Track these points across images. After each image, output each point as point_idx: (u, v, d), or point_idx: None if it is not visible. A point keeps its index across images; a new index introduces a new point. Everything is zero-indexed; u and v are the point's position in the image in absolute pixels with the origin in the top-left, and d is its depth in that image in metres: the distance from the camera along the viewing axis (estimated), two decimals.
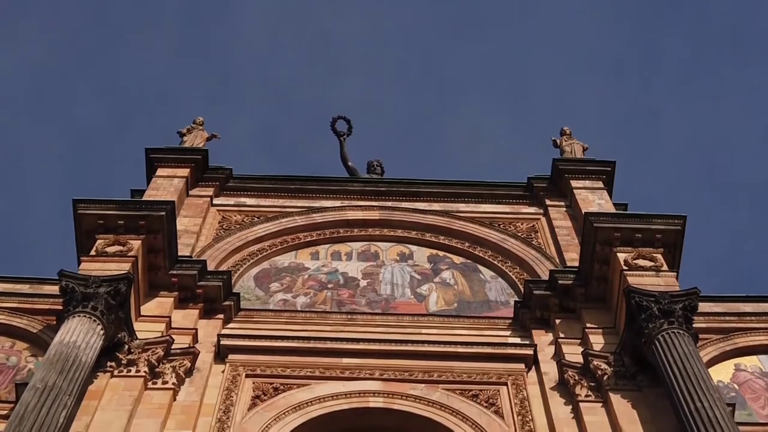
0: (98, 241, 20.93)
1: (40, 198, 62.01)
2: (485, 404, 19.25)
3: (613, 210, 24.65)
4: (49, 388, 16.10)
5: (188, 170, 26.23)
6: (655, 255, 20.99)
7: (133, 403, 17.67)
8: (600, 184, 26.32)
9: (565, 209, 25.85)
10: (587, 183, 26.32)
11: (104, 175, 62.47)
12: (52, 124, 65.05)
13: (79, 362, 17.00)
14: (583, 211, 23.74)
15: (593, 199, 25.35)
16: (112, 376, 18.26)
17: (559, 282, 21.46)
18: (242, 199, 26.76)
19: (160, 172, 26.14)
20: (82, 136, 65.35)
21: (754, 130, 62.90)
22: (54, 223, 63.40)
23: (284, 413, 18.80)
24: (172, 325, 20.25)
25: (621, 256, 20.83)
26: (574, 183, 26.24)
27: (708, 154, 65.14)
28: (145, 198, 24.31)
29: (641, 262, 20.75)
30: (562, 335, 20.59)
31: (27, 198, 63.04)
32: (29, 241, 59.10)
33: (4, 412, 17.42)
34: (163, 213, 21.28)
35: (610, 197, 25.91)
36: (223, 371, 19.73)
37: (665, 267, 20.81)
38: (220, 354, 20.16)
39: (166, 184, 25.38)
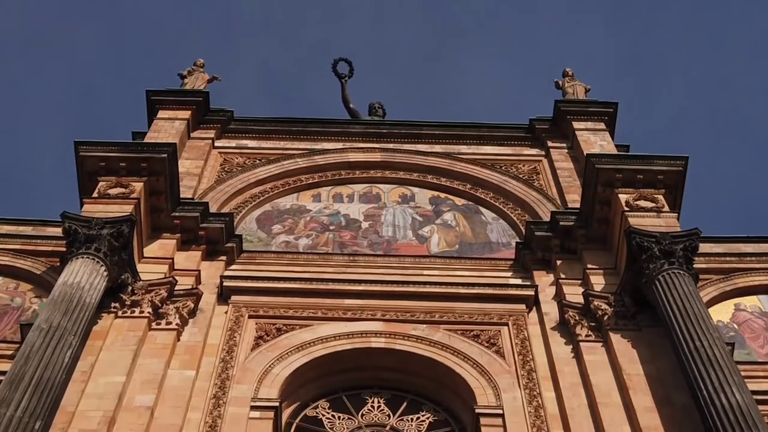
0: (100, 183, 20.97)
1: (42, 140, 62.03)
2: (486, 344, 19.40)
3: (614, 151, 24.61)
4: (53, 329, 16.22)
5: (189, 112, 26.19)
6: (656, 196, 21.01)
7: (138, 343, 17.81)
8: (602, 126, 26.27)
9: (566, 151, 25.83)
10: (589, 124, 26.26)
11: (106, 117, 62.45)
12: (52, 66, 64.73)
13: (83, 303, 17.11)
14: (584, 153, 23.73)
15: (595, 140, 25.31)
16: (116, 316, 18.39)
17: (561, 223, 21.51)
18: (244, 142, 26.75)
19: (161, 114, 26.10)
20: (82, 78, 65.15)
21: (757, 71, 62.59)
22: (56, 166, 63.47)
23: (287, 353, 18.96)
24: (175, 267, 20.35)
25: (622, 197, 20.85)
26: (575, 124, 26.18)
27: (711, 96, 64.92)
28: (146, 140, 24.28)
29: (642, 203, 20.77)
30: (562, 276, 20.69)
31: (29, 140, 63.04)
32: (32, 184, 59.18)
33: (10, 353, 17.57)
34: (165, 155, 21.29)
35: (612, 139, 25.86)
36: (226, 312, 19.87)
37: (666, 208, 20.84)
38: (223, 295, 20.29)
39: (168, 127, 25.35)
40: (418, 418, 18.59)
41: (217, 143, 26.33)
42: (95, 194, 20.78)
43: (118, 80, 64.80)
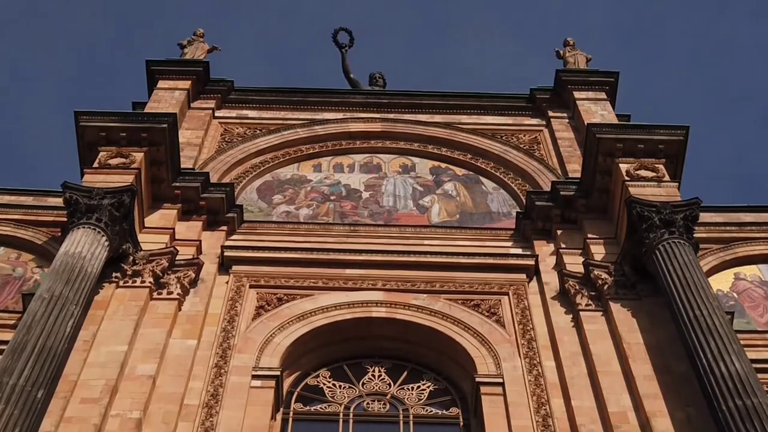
0: (101, 154, 20.97)
1: (43, 111, 61.96)
2: (487, 314, 19.47)
3: (615, 121, 24.60)
4: (55, 298, 16.27)
5: (189, 83, 26.15)
6: (657, 166, 21.00)
7: (139, 313, 17.87)
8: (603, 95, 26.22)
9: (567, 121, 25.82)
10: (590, 94, 26.22)
11: (106, 87, 62.25)
12: (53, 37, 64.50)
13: (84, 273, 17.15)
14: (585, 122, 23.73)
15: (596, 110, 25.28)
16: (118, 286, 18.45)
17: (561, 193, 21.52)
18: (244, 112, 26.71)
19: (161, 84, 26.06)
20: (83, 48, 64.94)
21: (758, 41, 62.32)
22: (57, 137, 63.39)
23: (288, 323, 19.03)
24: (176, 237, 20.39)
25: (623, 167, 20.85)
26: (576, 94, 26.14)
27: (712, 65, 64.69)
28: (146, 111, 24.25)
29: (643, 172, 20.76)
30: (563, 246, 20.73)
31: (29, 111, 62.92)
32: (32, 155, 59.14)
33: (12, 322, 17.65)
34: (165, 125, 21.27)
35: (613, 108, 25.84)
36: (227, 282, 19.92)
37: (667, 178, 20.84)
38: (224, 265, 20.33)
39: (168, 97, 25.31)
40: (418, 386, 18.67)
41: (218, 113, 26.30)
42: (96, 164, 20.78)
43: (118, 50, 64.63)
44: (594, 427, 16.28)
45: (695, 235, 19.17)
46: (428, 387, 18.70)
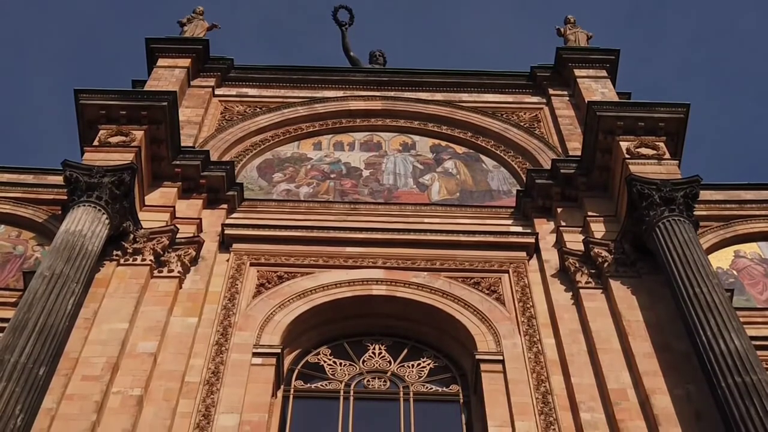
0: (101, 132, 20.96)
1: (43, 89, 61.86)
2: (487, 291, 19.50)
3: (616, 99, 24.59)
4: (56, 276, 16.30)
5: (189, 61, 26.10)
6: (657, 143, 20.98)
7: (140, 290, 17.91)
8: (604, 73, 26.18)
9: (568, 98, 25.79)
10: (591, 72, 26.18)
11: (106, 65, 62.10)
12: (52, 14, 64.26)
13: (85, 251, 17.18)
14: (586, 100, 23.71)
15: (597, 88, 25.25)
16: (119, 264, 18.48)
17: (561, 171, 21.52)
18: (244, 90, 26.67)
19: (161, 62, 26.00)
20: (82, 26, 64.71)
21: (759, 18, 62.10)
22: (57, 115, 63.29)
23: (288, 301, 19.07)
24: (177, 215, 20.41)
25: (623, 145, 20.83)
26: (577, 72, 26.10)
27: (713, 43, 64.48)
28: (146, 89, 24.22)
29: (643, 150, 20.74)
30: (563, 223, 20.74)
31: (29, 89, 62.80)
32: (32, 133, 59.06)
33: (13, 300, 17.69)
34: (165, 103, 21.24)
35: (614, 86, 25.80)
36: (227, 260, 19.94)
37: (667, 155, 20.82)
38: (225, 243, 20.35)
39: (168, 75, 25.27)
40: (418, 364, 18.72)
41: (218, 91, 26.25)
42: (96, 142, 20.77)
43: (118, 28, 64.46)
44: (593, 404, 16.32)
45: (695, 213, 19.17)
46: (428, 364, 18.74)
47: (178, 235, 19.52)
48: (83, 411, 15.06)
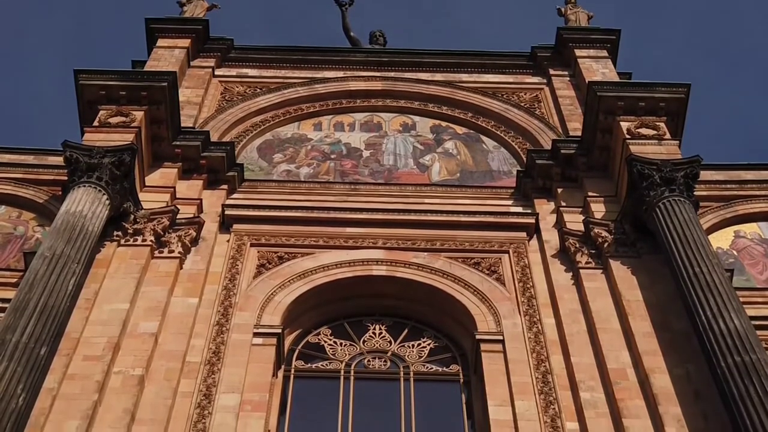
0: (101, 112, 20.93)
1: (43, 70, 61.67)
2: (487, 272, 19.51)
3: (617, 79, 24.55)
4: (57, 257, 16.31)
5: (189, 41, 26.06)
6: (658, 124, 20.96)
7: (141, 271, 17.93)
8: (604, 53, 26.14)
9: (568, 79, 25.75)
10: (591, 52, 26.13)
11: (106, 46, 61.95)
12: None
13: (86, 231, 17.19)
14: (586, 80, 23.69)
15: (597, 68, 25.21)
16: (119, 245, 18.49)
17: (562, 151, 21.52)
18: (244, 70, 26.63)
19: (160, 42, 25.96)
20: (82, 6, 64.51)
21: None
22: (57, 95, 63.19)
23: (289, 281, 19.09)
24: (177, 196, 20.40)
25: (624, 125, 20.80)
26: (578, 52, 26.05)
27: (714, 24, 64.24)
28: (146, 69, 24.19)
29: (644, 130, 20.72)
30: (563, 204, 20.75)
31: (29, 70, 62.66)
32: (32, 114, 58.98)
33: (14, 280, 17.70)
34: (165, 83, 21.21)
35: (615, 67, 25.75)
36: (228, 241, 19.95)
37: (668, 136, 20.79)
38: (225, 224, 20.35)
39: (167, 55, 25.23)
40: (419, 344, 18.76)
41: (217, 72, 26.21)
42: (96, 123, 20.74)
43: (117, 8, 64.21)
44: (593, 383, 16.36)
45: (695, 193, 19.16)
46: (429, 344, 18.78)
47: (179, 216, 19.51)
48: (85, 391, 15.09)
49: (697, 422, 15.13)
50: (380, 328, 19.08)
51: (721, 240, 20.08)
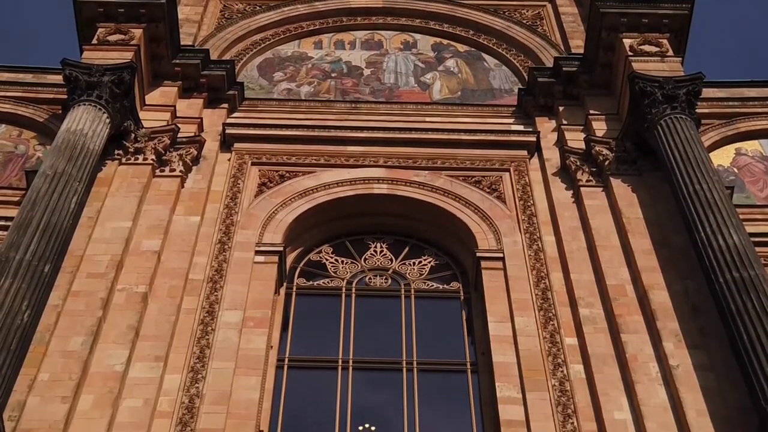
0: (99, 30, 20.73)
1: None
2: (488, 190, 19.55)
3: None
4: (59, 175, 16.34)
5: None
6: (661, 40, 20.79)
7: (142, 189, 17.97)
8: None
9: None
10: None
11: None
12: None
13: (87, 150, 17.18)
14: None
15: None
16: (120, 163, 18.51)
17: (564, 69, 21.37)
18: None
19: None
20: None
21: None
22: (56, 13, 62.43)
23: (290, 199, 19.15)
24: (177, 115, 20.35)
25: (626, 42, 20.64)
26: None
27: None
28: None
29: (647, 47, 20.56)
30: (565, 122, 20.68)
31: None
32: (31, 32, 58.36)
33: (16, 199, 17.75)
34: (164, 0, 20.95)
35: None
36: (229, 159, 19.95)
37: (671, 53, 20.64)
38: (226, 142, 20.33)
39: None
40: (419, 262, 18.89)
41: None
42: (94, 41, 20.56)
43: None
44: (592, 299, 16.52)
45: (697, 111, 19.09)
46: (429, 262, 18.92)
47: (180, 135, 19.49)
48: (89, 307, 15.26)
49: (694, 337, 15.31)
50: (381, 246, 19.18)
51: (722, 158, 20.05)
